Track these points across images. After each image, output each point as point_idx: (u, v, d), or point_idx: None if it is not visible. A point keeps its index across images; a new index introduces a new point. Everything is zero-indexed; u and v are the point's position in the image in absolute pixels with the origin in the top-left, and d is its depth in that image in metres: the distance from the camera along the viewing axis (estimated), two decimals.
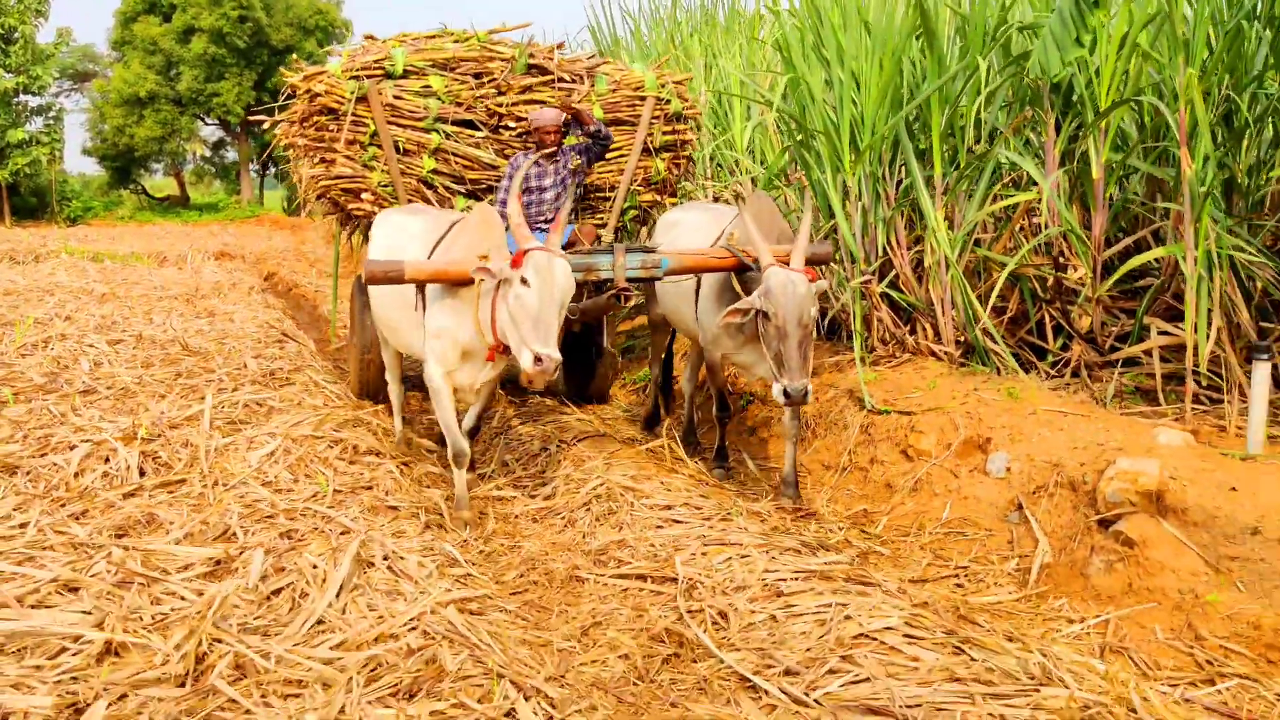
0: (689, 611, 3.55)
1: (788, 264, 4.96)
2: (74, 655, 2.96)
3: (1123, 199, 5.90)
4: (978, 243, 6.24)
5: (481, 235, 4.95)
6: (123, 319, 10.31)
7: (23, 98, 40.35)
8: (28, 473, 4.78)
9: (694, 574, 3.88)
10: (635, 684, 3.15)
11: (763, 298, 4.90)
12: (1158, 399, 5.31)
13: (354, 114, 6.85)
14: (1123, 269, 5.43)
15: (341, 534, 4.04)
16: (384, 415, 6.83)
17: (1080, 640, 3.54)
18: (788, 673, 3.08)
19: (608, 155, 7.26)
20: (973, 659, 3.20)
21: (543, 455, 6.19)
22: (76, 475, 4.72)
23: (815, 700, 2.92)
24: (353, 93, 6.80)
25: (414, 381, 7.46)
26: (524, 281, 4.54)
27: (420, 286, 5.16)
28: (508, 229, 5.13)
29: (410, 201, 6.80)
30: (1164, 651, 3.42)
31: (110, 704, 2.70)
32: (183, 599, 3.35)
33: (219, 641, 3.03)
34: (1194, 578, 3.63)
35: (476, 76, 7.17)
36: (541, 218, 6.77)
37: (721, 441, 6.06)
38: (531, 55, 7.23)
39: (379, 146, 6.90)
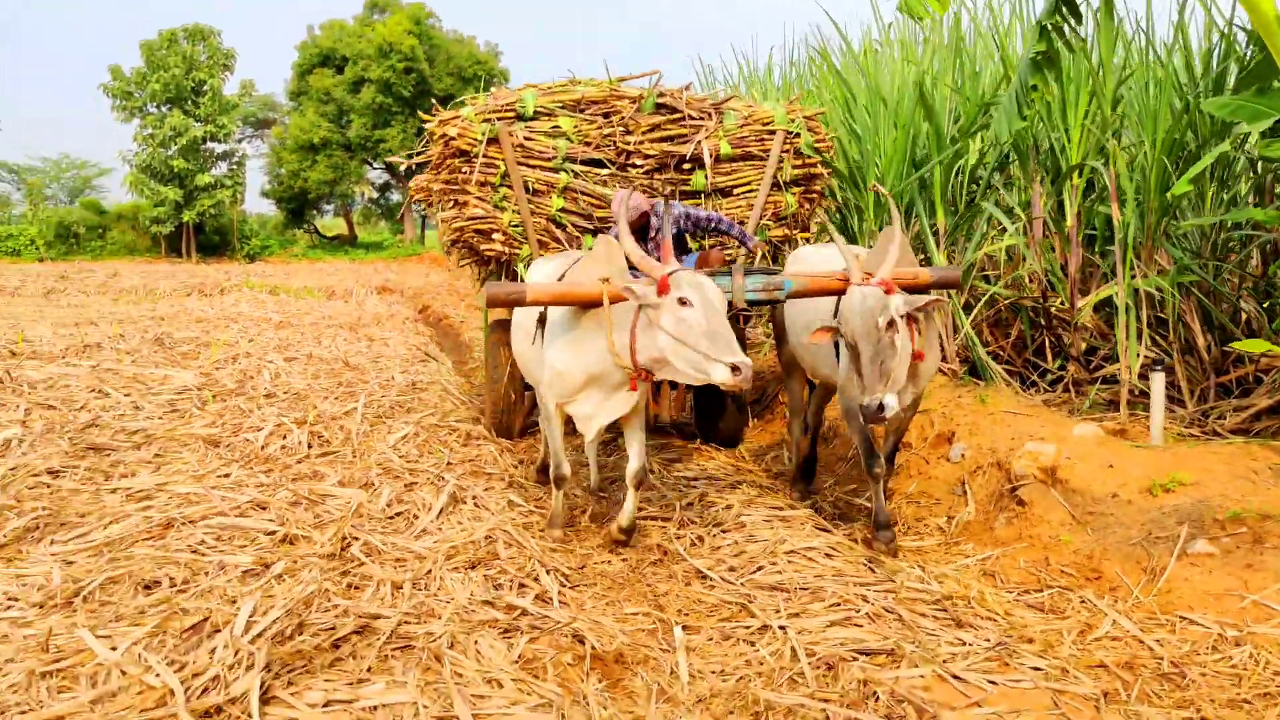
0: (675, 536, 5.06)
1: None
2: (264, 541, 4.66)
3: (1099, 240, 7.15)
4: (986, 278, 7.55)
5: (605, 263, 4.95)
6: (296, 342, 12.41)
7: (209, 144, 44.50)
8: (228, 445, 6.60)
9: (690, 516, 5.39)
10: (628, 574, 4.68)
11: (837, 317, 4.96)
12: (1118, 407, 6.53)
13: (485, 156, 7.14)
14: (1087, 301, 6.69)
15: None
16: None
17: (967, 569, 4.88)
18: (730, 569, 4.56)
19: (736, 190, 7.45)
20: (872, 570, 4.61)
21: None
22: (263, 447, 6.52)
23: (740, 583, 4.39)
24: (484, 135, 7.10)
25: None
26: (683, 302, 4.51)
27: (540, 320, 5.26)
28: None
29: (539, 241, 7.10)
30: (1022, 574, 4.74)
31: (286, 566, 4.37)
32: (332, 513, 5.05)
33: (355, 537, 4.70)
34: (1061, 527, 4.93)
35: (605, 116, 7.36)
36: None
37: (878, 502, 5.33)
38: (660, 95, 7.39)
39: (510, 187, 7.17)
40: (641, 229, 6.49)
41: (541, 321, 5.24)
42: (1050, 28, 5.76)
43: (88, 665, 3.28)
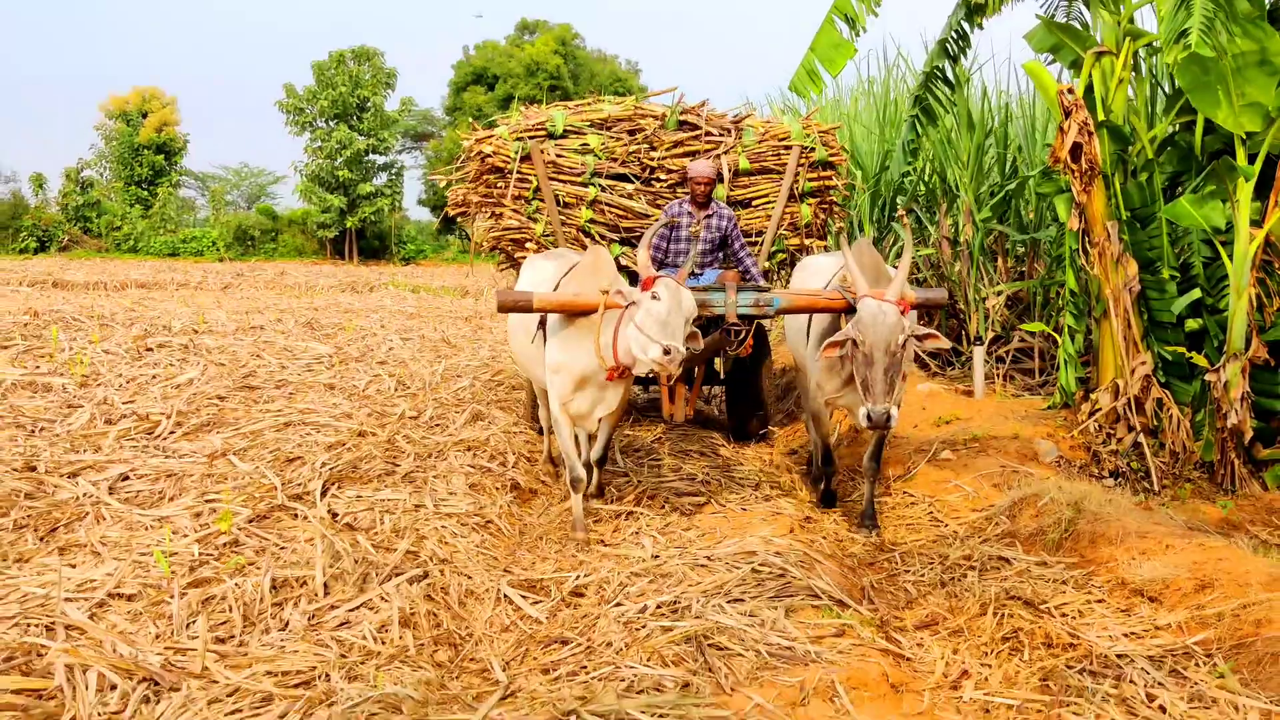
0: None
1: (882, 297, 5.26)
2: (345, 433, 7.40)
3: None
4: (919, 283, 9.85)
5: (593, 273, 5.49)
6: (417, 328, 15.39)
7: (371, 156, 48.87)
8: (340, 389, 9.44)
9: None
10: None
11: (854, 326, 5.24)
12: (994, 379, 8.75)
13: (519, 172, 7.59)
14: (989, 293, 8.95)
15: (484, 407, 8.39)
16: None
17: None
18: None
19: (754, 202, 7.90)
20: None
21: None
22: (363, 389, 9.34)
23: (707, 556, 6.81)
24: (517, 152, 7.58)
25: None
26: (654, 297, 5.08)
27: (541, 322, 5.78)
28: (623, 268, 6.16)
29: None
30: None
31: (354, 444, 7.06)
32: (392, 421, 7.79)
33: (400, 433, 7.40)
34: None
35: (630, 133, 7.81)
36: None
37: (827, 487, 6.37)
38: (683, 112, 7.84)
39: (542, 200, 7.65)
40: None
41: (542, 323, 5.80)
42: (925, 94, 8.11)
43: (238, 476, 6.04)
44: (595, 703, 3.35)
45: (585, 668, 3.78)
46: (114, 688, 3.24)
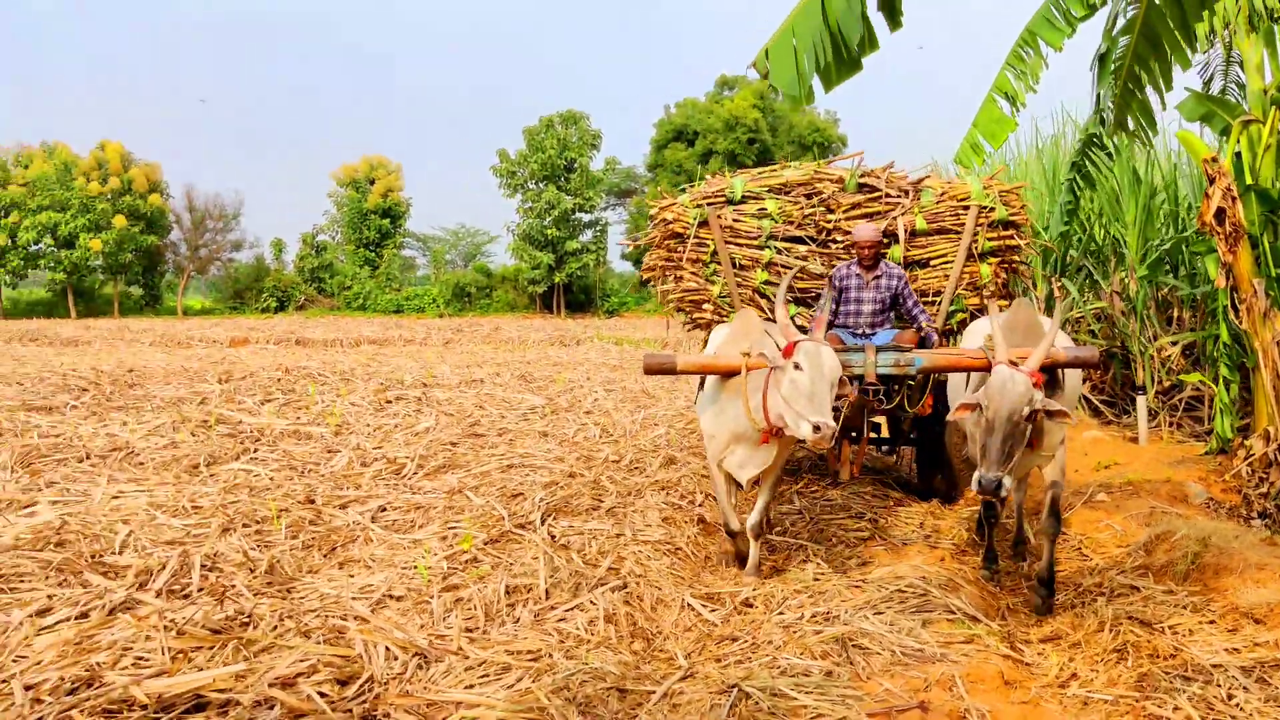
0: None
1: (1016, 365, 5.17)
2: (558, 475, 8.56)
3: None
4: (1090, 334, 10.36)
5: (744, 335, 5.78)
6: (619, 380, 16.71)
7: (578, 214, 51.42)
8: (552, 436, 10.70)
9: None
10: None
11: (983, 391, 5.22)
12: (1160, 427, 9.20)
13: (696, 236, 7.93)
14: (1153, 347, 9.44)
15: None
16: None
17: None
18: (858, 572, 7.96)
19: (932, 262, 7.90)
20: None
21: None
22: (572, 436, 10.56)
23: (861, 579, 7.77)
24: (695, 219, 7.93)
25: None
26: (796, 366, 5.16)
27: (701, 384, 6.10)
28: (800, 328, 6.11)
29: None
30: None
31: (565, 482, 8.22)
32: (597, 464, 8.92)
33: (604, 475, 8.52)
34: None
35: (807, 196, 8.00)
36: (858, 330, 7.46)
37: (989, 545, 6.30)
38: (863, 175, 7.98)
39: (718, 263, 7.94)
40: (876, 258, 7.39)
41: (702, 384, 6.13)
42: (1082, 160, 8.76)
43: (473, 508, 7.27)
44: (754, 680, 4.32)
45: (749, 659, 4.73)
46: (396, 657, 4.40)
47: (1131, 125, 4.37)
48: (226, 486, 7.70)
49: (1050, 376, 5.51)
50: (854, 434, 7.14)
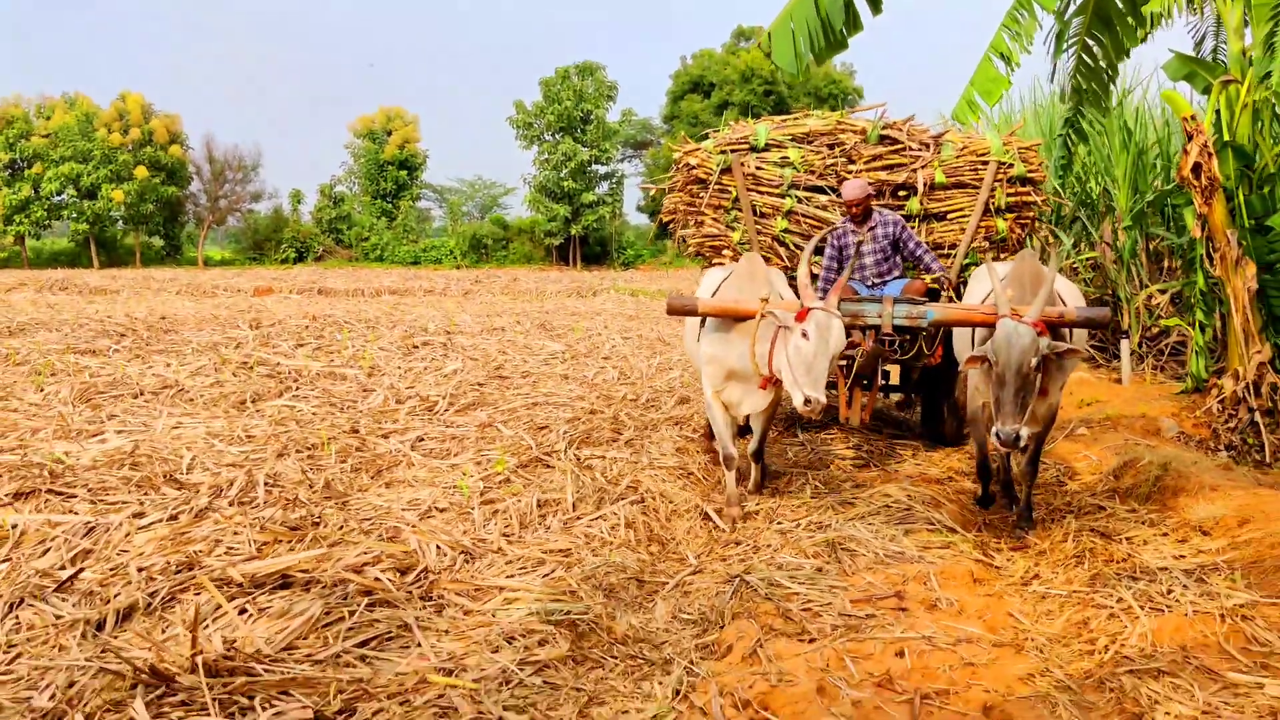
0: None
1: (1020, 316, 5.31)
2: (580, 411, 9.24)
3: None
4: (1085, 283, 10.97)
5: (750, 279, 6.05)
6: (635, 329, 17.39)
7: (594, 166, 51.80)
8: (573, 378, 11.37)
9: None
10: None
11: (990, 345, 5.36)
12: (1144, 370, 9.82)
13: (719, 183, 8.05)
14: (1140, 296, 10.04)
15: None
16: None
17: None
18: (851, 492, 8.64)
19: (950, 215, 8.00)
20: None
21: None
22: (591, 378, 11.23)
23: (854, 498, 8.45)
24: (719, 165, 8.02)
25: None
26: (804, 335, 5.38)
27: (703, 320, 6.25)
28: (793, 284, 6.33)
29: (764, 257, 7.41)
30: None
31: (585, 417, 8.90)
32: (614, 401, 9.60)
33: (620, 409, 9.20)
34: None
35: (830, 147, 8.10)
36: (865, 283, 7.64)
37: (984, 491, 6.61)
38: (885, 127, 8.10)
39: (740, 210, 8.07)
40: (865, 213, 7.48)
41: (704, 323, 6.31)
42: (1075, 116, 9.31)
43: (503, 439, 7.95)
44: (754, 572, 5.03)
45: (751, 558, 5.43)
46: (445, 554, 5.10)
47: (1087, 93, 4.92)
48: (274, 420, 8.42)
49: (1056, 335, 5.63)
50: (865, 382, 7.26)
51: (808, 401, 5.27)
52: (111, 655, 3.64)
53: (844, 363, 6.89)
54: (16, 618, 4.13)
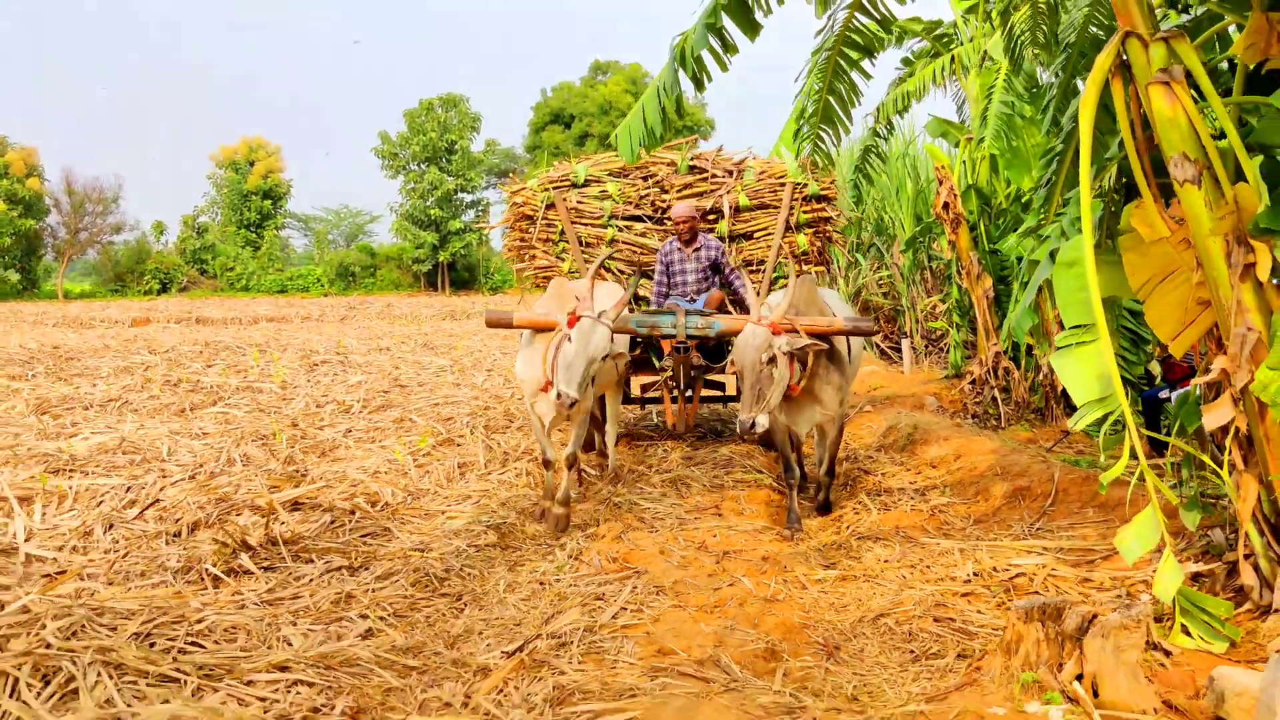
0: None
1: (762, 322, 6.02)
2: (465, 401, 11.33)
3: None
4: (881, 297, 13.61)
5: (558, 299, 6.55)
6: (513, 345, 19.43)
7: (460, 195, 53.63)
8: (460, 385, 13.41)
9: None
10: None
11: (735, 347, 6.09)
12: (921, 363, 12.43)
13: (545, 218, 8.73)
14: (923, 305, 12.69)
15: None
16: None
17: None
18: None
19: (756, 234, 8.77)
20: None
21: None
22: (482, 383, 13.30)
23: (691, 455, 10.76)
24: (543, 201, 8.70)
25: None
26: (568, 339, 5.95)
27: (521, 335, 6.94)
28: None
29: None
30: None
31: (485, 414, 10.98)
32: (492, 392, 11.73)
33: (515, 409, 11.33)
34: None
35: (645, 179, 8.83)
36: (686, 298, 8.37)
37: (790, 504, 6.87)
38: (693, 158, 8.85)
39: (567, 242, 8.75)
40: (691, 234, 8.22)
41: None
42: (863, 163, 11.82)
43: (418, 428, 9.97)
44: (619, 497, 7.26)
45: (618, 490, 7.67)
46: (398, 495, 7.18)
47: (820, 158, 7.19)
48: (219, 421, 10.27)
49: (831, 345, 6.46)
50: (686, 390, 8.00)
51: (559, 396, 5.92)
52: (212, 534, 5.65)
53: (669, 374, 7.75)
54: (113, 536, 6.06)
